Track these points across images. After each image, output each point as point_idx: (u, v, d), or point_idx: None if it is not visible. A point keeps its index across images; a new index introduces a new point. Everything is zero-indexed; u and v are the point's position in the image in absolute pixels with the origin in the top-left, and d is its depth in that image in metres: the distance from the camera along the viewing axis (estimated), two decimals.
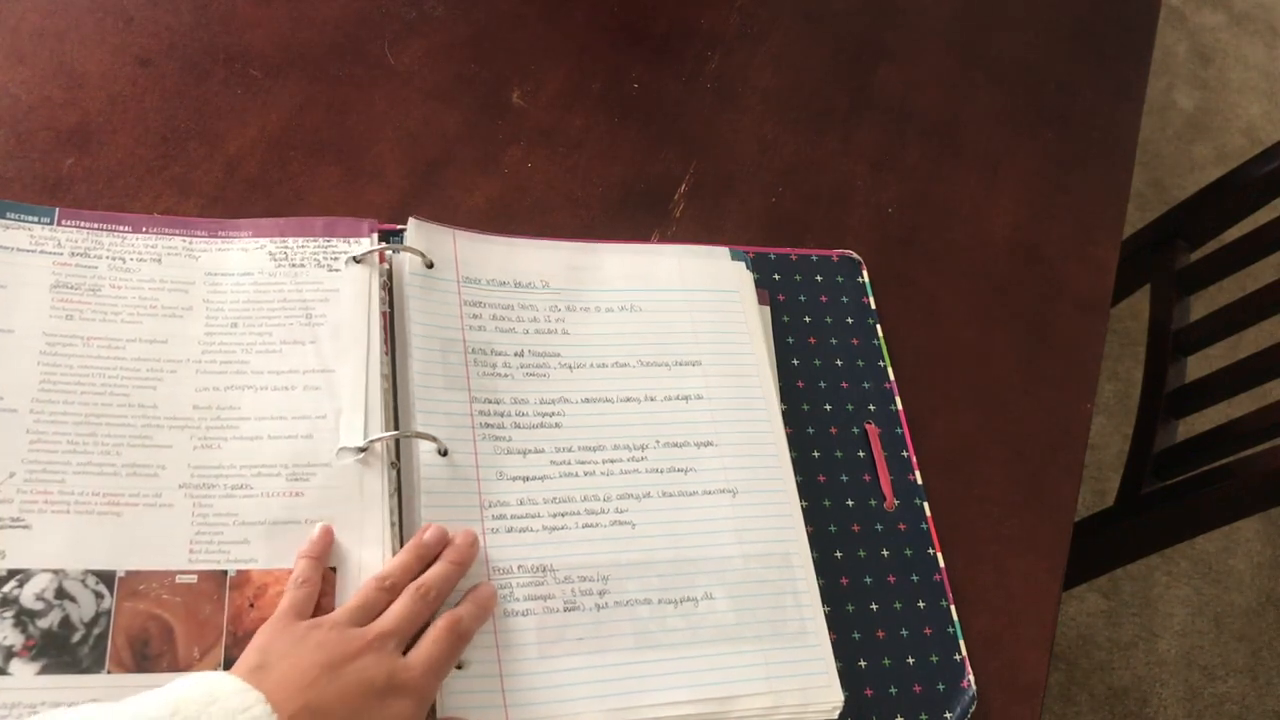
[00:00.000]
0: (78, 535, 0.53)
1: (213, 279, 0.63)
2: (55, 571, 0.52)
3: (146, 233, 0.63)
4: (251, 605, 0.54)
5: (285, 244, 0.65)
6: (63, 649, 0.51)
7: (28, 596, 0.52)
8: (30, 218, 0.62)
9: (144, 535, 0.54)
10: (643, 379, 0.66)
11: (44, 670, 0.50)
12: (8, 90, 0.69)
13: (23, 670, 0.50)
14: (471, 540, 0.57)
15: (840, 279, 0.76)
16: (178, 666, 0.52)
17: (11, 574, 0.52)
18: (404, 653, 0.52)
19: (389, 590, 0.54)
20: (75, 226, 0.62)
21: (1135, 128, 0.95)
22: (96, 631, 0.52)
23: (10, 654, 0.50)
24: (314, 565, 0.55)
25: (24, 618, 0.51)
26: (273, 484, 0.57)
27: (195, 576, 0.54)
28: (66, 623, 0.51)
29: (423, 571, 0.55)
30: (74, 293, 0.60)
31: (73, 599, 0.52)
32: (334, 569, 0.56)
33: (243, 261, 0.64)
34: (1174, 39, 2.13)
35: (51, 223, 0.62)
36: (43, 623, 0.51)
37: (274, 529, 0.56)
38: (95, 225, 0.63)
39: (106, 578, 0.53)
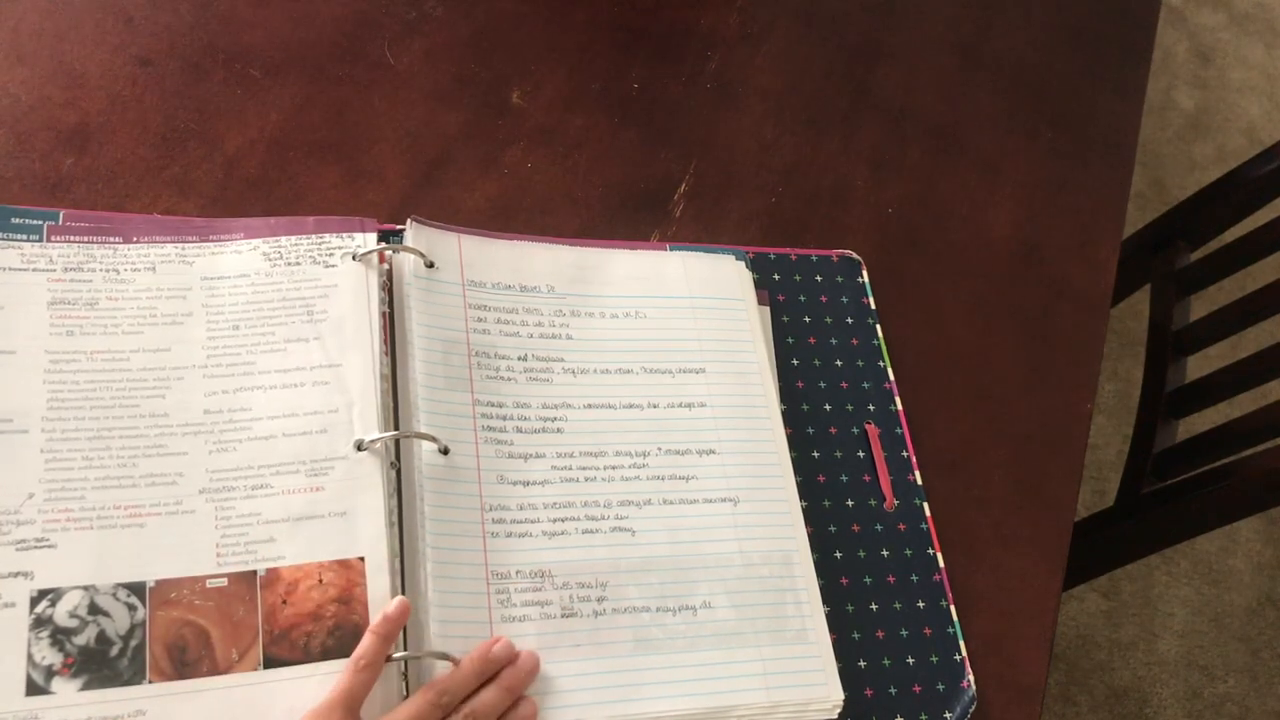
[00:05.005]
0: (103, 549, 0.53)
1: (209, 283, 0.62)
2: (85, 588, 0.52)
3: (138, 242, 0.63)
4: (285, 602, 0.54)
5: (279, 243, 0.64)
6: (102, 664, 0.51)
7: (61, 615, 0.52)
8: (19, 235, 0.61)
9: (169, 543, 0.54)
10: (646, 385, 0.66)
11: (86, 686, 0.50)
12: (8, 90, 0.69)
13: (65, 688, 0.50)
14: (532, 666, 0.55)
15: (840, 279, 0.75)
16: (217, 670, 0.52)
17: (42, 594, 0.52)
18: None
19: (443, 709, 0.52)
20: (65, 241, 0.62)
21: (1135, 128, 0.95)
22: (134, 643, 0.52)
23: (51, 673, 0.50)
24: (380, 645, 0.53)
25: (60, 636, 0.51)
26: (292, 481, 0.57)
27: (225, 579, 0.54)
28: (103, 637, 0.51)
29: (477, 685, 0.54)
30: (72, 308, 0.60)
31: (106, 613, 0.52)
32: (362, 558, 0.55)
33: (237, 264, 0.63)
34: (1174, 39, 2.13)
35: (40, 239, 0.61)
36: (79, 639, 0.51)
37: (298, 525, 0.56)
38: (85, 239, 0.62)
39: (137, 589, 0.53)
